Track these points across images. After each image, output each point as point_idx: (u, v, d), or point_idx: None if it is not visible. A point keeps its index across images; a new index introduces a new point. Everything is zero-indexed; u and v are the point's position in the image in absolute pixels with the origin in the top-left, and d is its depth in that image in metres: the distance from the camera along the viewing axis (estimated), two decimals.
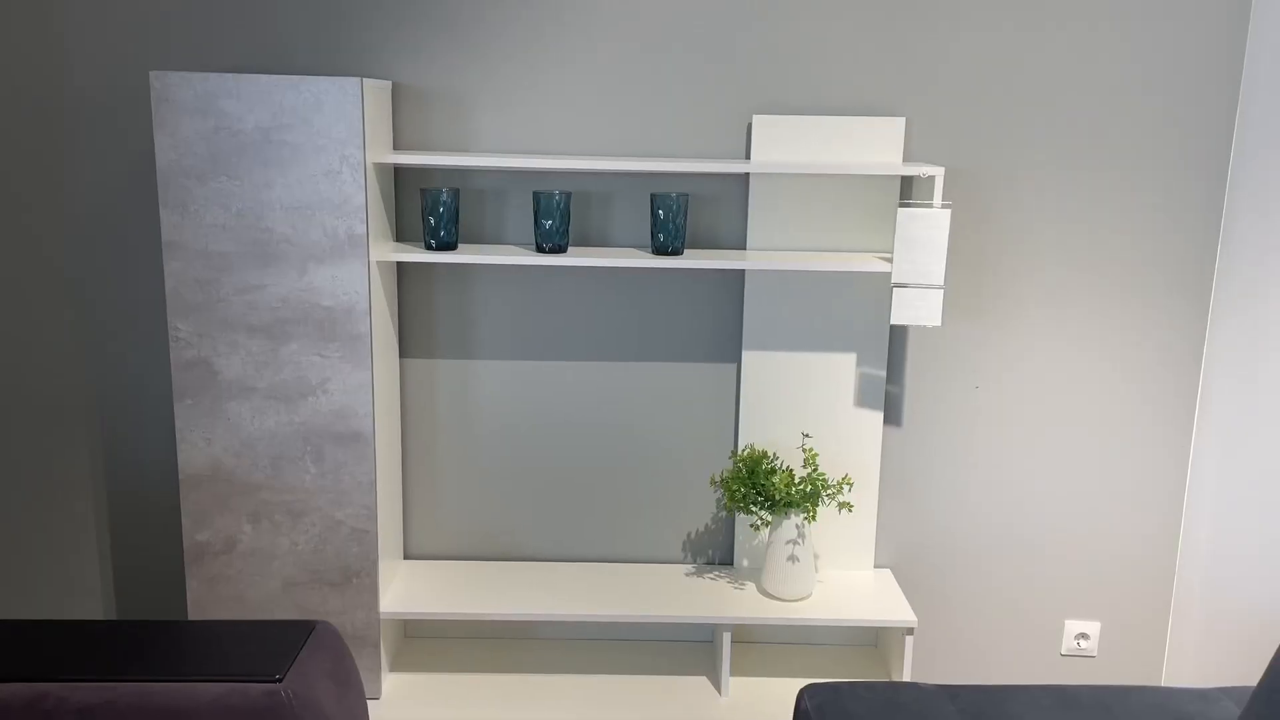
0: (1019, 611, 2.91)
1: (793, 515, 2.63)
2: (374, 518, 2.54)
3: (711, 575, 2.83)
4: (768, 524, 2.68)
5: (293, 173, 2.36)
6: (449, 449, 2.82)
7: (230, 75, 2.32)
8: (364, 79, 2.34)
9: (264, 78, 2.32)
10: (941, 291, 2.50)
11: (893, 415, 2.81)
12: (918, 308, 2.52)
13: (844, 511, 2.69)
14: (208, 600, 2.57)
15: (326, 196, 2.38)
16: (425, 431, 2.81)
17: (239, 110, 2.34)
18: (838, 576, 2.82)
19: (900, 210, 2.48)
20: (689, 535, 2.90)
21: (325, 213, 2.38)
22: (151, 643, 2.00)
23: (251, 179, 2.37)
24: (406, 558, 2.89)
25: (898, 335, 2.76)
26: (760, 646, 2.89)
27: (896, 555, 2.89)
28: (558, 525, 2.88)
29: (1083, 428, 2.80)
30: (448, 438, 2.82)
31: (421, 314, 2.75)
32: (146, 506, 2.83)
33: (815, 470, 2.65)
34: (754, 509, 2.66)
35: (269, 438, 2.49)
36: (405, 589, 2.70)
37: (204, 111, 2.34)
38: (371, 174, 2.42)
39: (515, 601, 2.66)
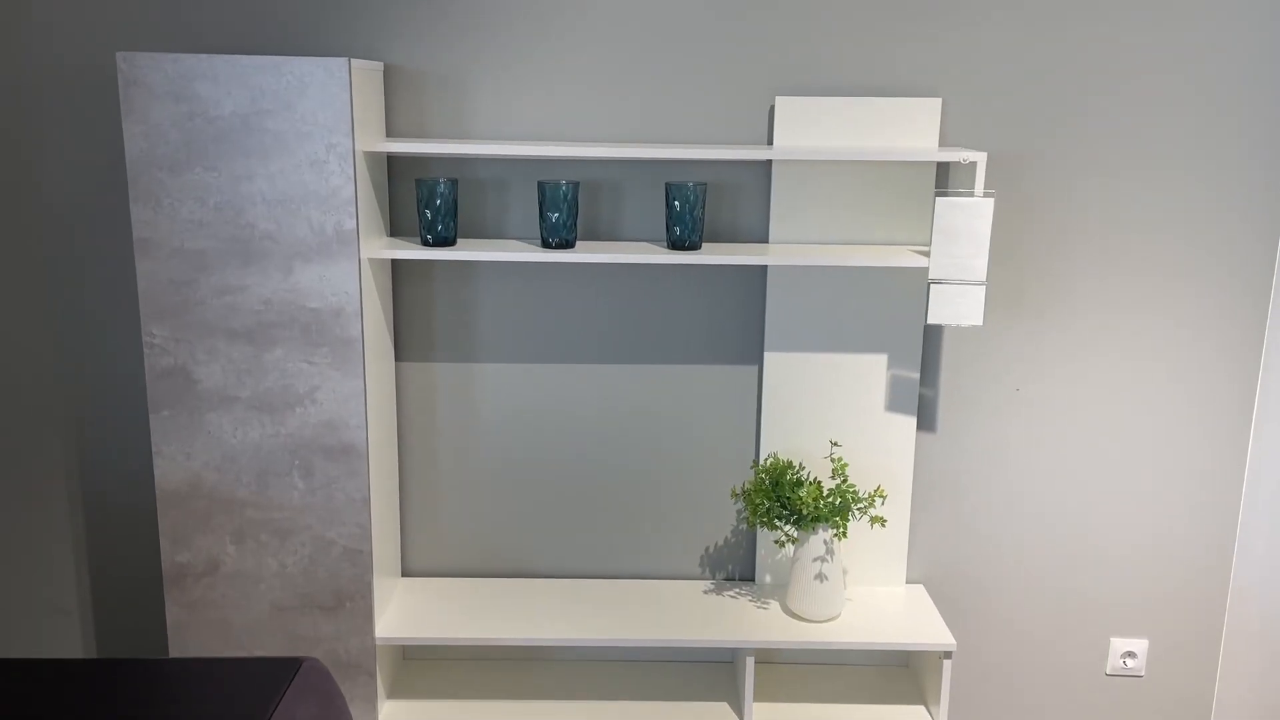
0: (1061, 628, 2.72)
1: (821, 531, 2.44)
2: (368, 536, 2.34)
3: (732, 593, 2.64)
4: (793, 540, 2.49)
5: (275, 163, 2.16)
6: (449, 458, 2.63)
7: (205, 56, 2.12)
8: (352, 59, 2.14)
9: (242, 59, 2.12)
10: (983, 288, 2.29)
11: (926, 420, 2.61)
12: (957, 305, 2.32)
13: (876, 526, 2.49)
14: (189, 626, 2.38)
15: (312, 189, 2.17)
16: (424, 440, 2.61)
17: (215, 94, 2.13)
18: (867, 593, 2.63)
19: (938, 200, 2.27)
20: (707, 549, 2.70)
21: (311, 206, 2.18)
22: (122, 686, 1.81)
23: (230, 170, 2.16)
24: (404, 575, 2.69)
25: (932, 334, 2.56)
26: (784, 667, 2.70)
27: (930, 569, 2.69)
28: (566, 539, 2.69)
29: (1131, 433, 2.60)
30: (448, 446, 2.62)
31: (418, 315, 2.55)
32: (126, 525, 2.64)
33: (845, 481, 2.46)
34: (779, 524, 2.46)
35: (253, 451, 2.30)
36: (403, 611, 2.51)
37: (176, 96, 2.13)
38: (361, 164, 2.22)
39: (521, 624, 2.47)
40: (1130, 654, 2.72)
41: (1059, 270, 2.52)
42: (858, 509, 2.45)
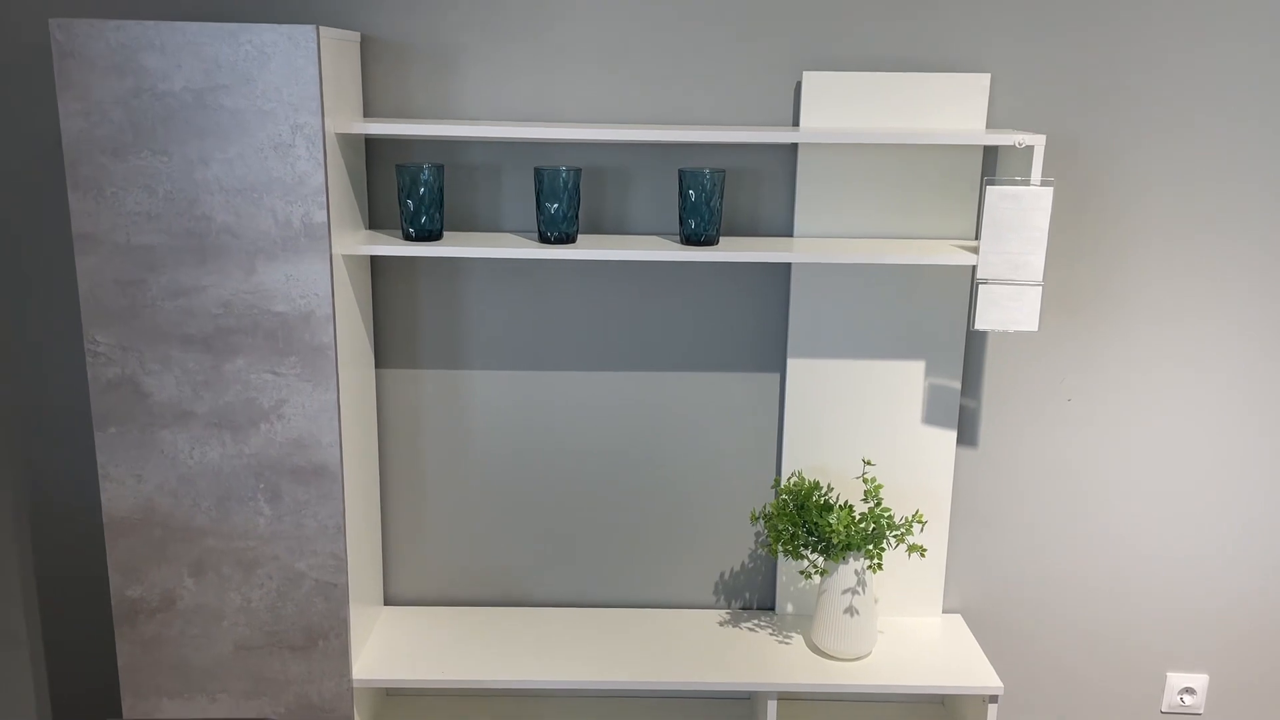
0: (1113, 663, 2.46)
1: (852, 560, 2.18)
2: (343, 568, 2.08)
3: (750, 624, 2.38)
4: (821, 572, 2.22)
5: (234, 146, 1.89)
6: (436, 475, 2.37)
7: (151, 23, 1.84)
8: (322, 28, 1.86)
9: (193, 26, 1.84)
10: (1040, 289, 2.03)
11: (968, 434, 2.35)
12: (1008, 309, 2.05)
13: (914, 556, 2.23)
14: (143, 667, 2.12)
15: (277, 176, 1.90)
16: (408, 454, 2.35)
17: (164, 67, 1.86)
18: (899, 624, 2.37)
19: (989, 189, 2.00)
20: (722, 575, 2.44)
21: (275, 196, 1.91)
22: None
23: (182, 154, 1.89)
24: (387, 604, 2.43)
25: (975, 340, 2.30)
26: (807, 705, 2.45)
27: (969, 598, 2.44)
28: (566, 564, 2.43)
29: (1193, 450, 2.34)
30: (435, 461, 2.36)
31: (401, 316, 2.28)
32: (73, 553, 2.37)
33: (879, 505, 2.19)
34: (805, 553, 2.20)
35: (213, 474, 2.03)
36: (384, 647, 2.25)
37: (120, 69, 1.86)
38: (333, 147, 1.94)
39: (515, 662, 2.21)
40: (1189, 690, 2.47)
41: (1118, 269, 2.25)
42: (893, 536, 2.19)
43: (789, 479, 2.29)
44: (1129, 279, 2.26)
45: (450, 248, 2.06)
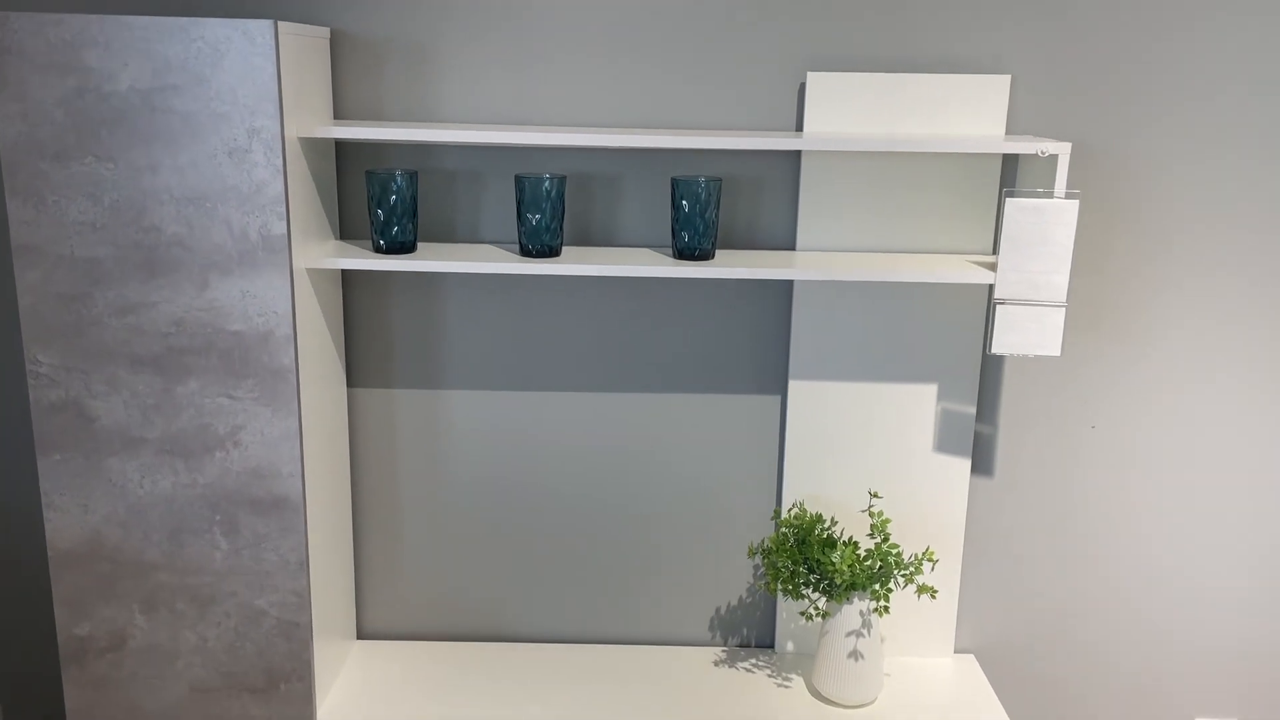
0: (1138, 707, 2.31)
1: (856, 600, 2.02)
2: (306, 605, 1.93)
3: (748, 664, 2.22)
4: (824, 614, 2.06)
5: (185, 151, 1.74)
6: (413, 501, 2.22)
7: (95, 17, 1.69)
8: (284, 23, 1.71)
9: (140, 20, 1.69)
10: (1063, 311, 1.86)
11: (983, 463, 2.18)
12: (1028, 332, 1.89)
13: (924, 597, 2.07)
14: (93, 710, 1.97)
15: (232, 184, 1.75)
16: (382, 479, 2.20)
17: (109, 65, 1.71)
18: (908, 665, 2.21)
19: (1008, 201, 1.84)
20: (718, 611, 2.29)
21: (230, 205, 1.76)
22: None
23: (129, 160, 1.74)
24: (361, 637, 2.29)
25: (991, 361, 2.14)
26: None
27: (983, 638, 2.27)
28: (552, 597, 2.28)
29: (1225, 483, 2.18)
30: (411, 487, 2.21)
31: (375, 333, 2.13)
32: (18, 587, 2.23)
33: (886, 541, 2.03)
34: (806, 592, 2.04)
35: (165, 504, 1.88)
36: (354, 686, 2.10)
37: (62, 67, 1.71)
38: (296, 152, 1.79)
39: (495, 704, 2.06)
40: None
41: (1146, 288, 2.09)
42: (901, 575, 2.03)
43: (789, 510, 2.13)
44: (1158, 298, 2.09)
45: (423, 261, 1.90)
